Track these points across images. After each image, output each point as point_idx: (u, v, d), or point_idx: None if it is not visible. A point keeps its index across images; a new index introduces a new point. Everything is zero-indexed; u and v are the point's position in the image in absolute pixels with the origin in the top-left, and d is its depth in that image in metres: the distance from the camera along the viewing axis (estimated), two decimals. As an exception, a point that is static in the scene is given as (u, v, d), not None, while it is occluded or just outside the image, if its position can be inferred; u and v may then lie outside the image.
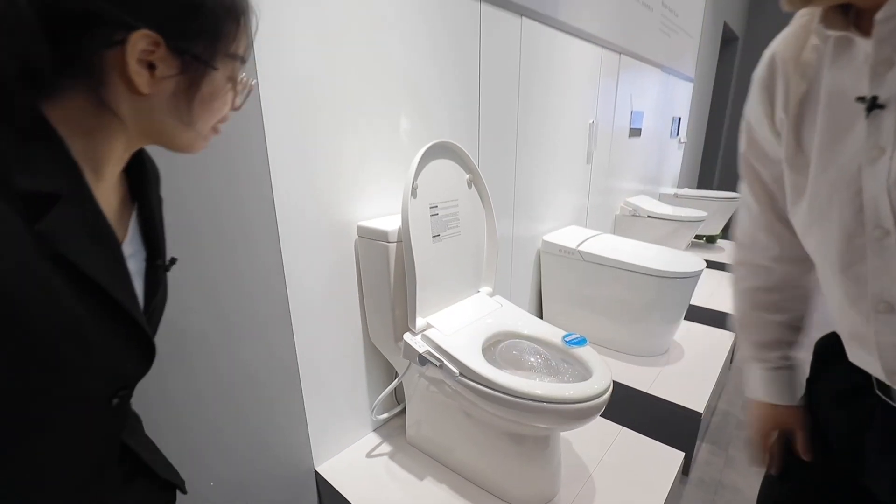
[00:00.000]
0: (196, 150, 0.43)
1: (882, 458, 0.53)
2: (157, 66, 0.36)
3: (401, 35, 1.15)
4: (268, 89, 0.90)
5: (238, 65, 0.42)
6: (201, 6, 0.37)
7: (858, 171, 0.44)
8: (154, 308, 0.46)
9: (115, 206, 0.42)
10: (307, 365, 1.11)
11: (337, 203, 1.10)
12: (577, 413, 0.94)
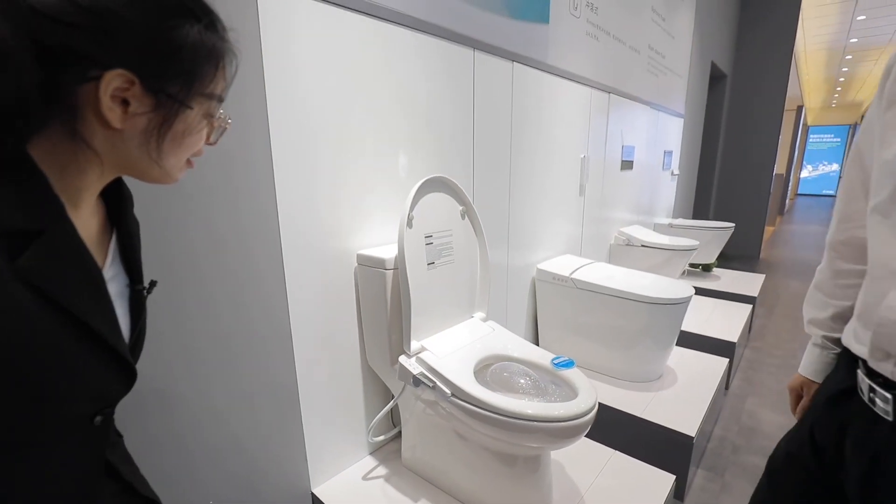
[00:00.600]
0: (170, 181, 0.46)
1: (853, 461, 0.58)
2: (130, 102, 0.38)
3: (401, 78, 1.26)
4: (277, 123, 1.00)
5: (215, 104, 0.45)
6: (180, 49, 0.39)
7: None
8: (141, 328, 0.49)
9: (95, 232, 0.44)
10: (306, 387, 1.16)
11: (338, 232, 1.18)
12: (563, 431, 0.98)
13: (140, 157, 0.41)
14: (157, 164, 0.42)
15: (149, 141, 0.40)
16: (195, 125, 0.43)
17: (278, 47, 0.98)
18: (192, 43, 0.39)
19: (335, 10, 1.07)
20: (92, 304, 0.39)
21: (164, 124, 0.40)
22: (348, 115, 1.15)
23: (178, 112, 0.41)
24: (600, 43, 2.25)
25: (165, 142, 0.41)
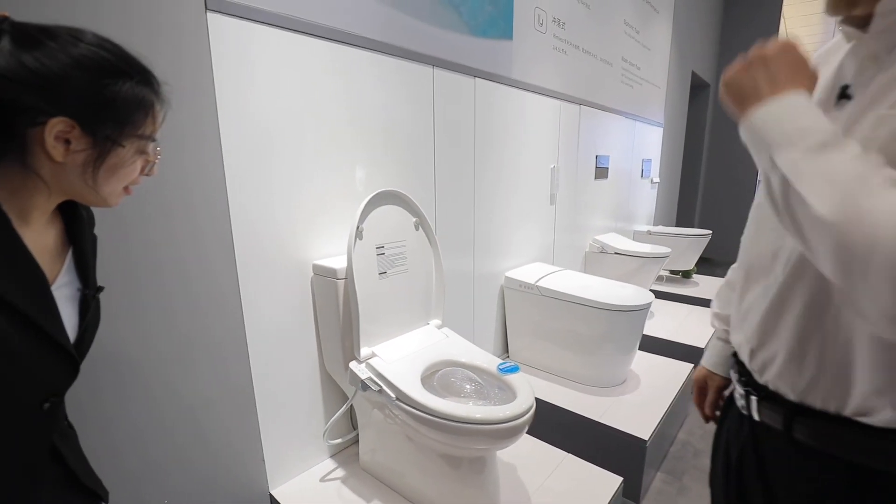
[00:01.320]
0: (108, 205, 0.54)
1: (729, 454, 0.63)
2: (71, 142, 0.47)
3: (358, 96, 1.33)
4: (230, 143, 1.06)
5: (147, 143, 0.54)
6: (113, 101, 0.48)
7: None
8: (87, 326, 0.56)
9: (51, 244, 0.53)
10: (263, 391, 1.21)
11: (295, 244, 1.23)
12: (498, 432, 1.03)
13: (80, 184, 0.50)
14: (94, 190, 0.51)
15: (86, 172, 0.49)
16: (127, 160, 0.52)
17: (231, 72, 1.04)
18: (124, 96, 0.49)
19: (291, 34, 1.14)
20: (33, 300, 0.47)
21: (99, 159, 0.49)
22: (304, 132, 1.21)
23: (111, 150, 0.50)
24: (568, 56, 2.32)
25: (100, 173, 0.50)
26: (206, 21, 0.99)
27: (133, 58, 0.51)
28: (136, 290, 0.95)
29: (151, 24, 0.91)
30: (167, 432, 1.04)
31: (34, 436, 0.51)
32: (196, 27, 0.98)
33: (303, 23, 1.16)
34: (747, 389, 0.59)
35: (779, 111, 0.43)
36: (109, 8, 0.86)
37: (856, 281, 0.36)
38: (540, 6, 2.04)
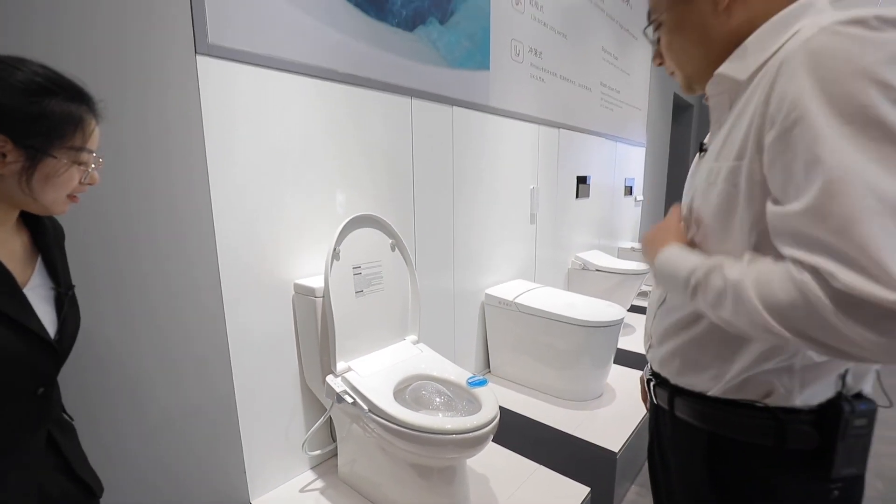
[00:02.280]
0: (55, 212, 0.62)
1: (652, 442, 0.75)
2: (6, 155, 0.54)
3: (338, 126, 1.42)
4: (215, 164, 1.15)
5: (83, 154, 0.60)
6: (41, 116, 0.54)
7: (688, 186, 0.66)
8: (65, 321, 0.64)
9: (19, 251, 0.62)
10: (245, 403, 1.28)
11: (276, 263, 1.32)
12: (463, 442, 1.10)
13: (19, 194, 0.57)
14: (33, 198, 0.58)
15: (21, 181, 0.56)
16: (60, 169, 0.58)
17: (218, 108, 1.14)
18: (52, 111, 0.56)
19: (274, 73, 1.24)
20: (7, 298, 0.55)
21: (30, 169, 0.56)
22: (286, 160, 1.30)
23: (41, 160, 0.56)
24: (546, 83, 2.44)
25: (34, 182, 0.56)
26: (196, 63, 1.10)
27: (63, 78, 0.58)
28: (124, 304, 1.02)
29: (145, 67, 1.01)
30: (151, 441, 1.10)
31: (32, 419, 0.60)
32: (186, 69, 1.08)
33: (286, 62, 1.27)
34: (650, 377, 0.71)
35: (662, 259, 0.58)
36: (105, 52, 0.95)
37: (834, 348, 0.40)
38: (516, 38, 2.16)
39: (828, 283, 0.39)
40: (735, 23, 0.54)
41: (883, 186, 0.37)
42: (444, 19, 1.78)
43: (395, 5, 1.58)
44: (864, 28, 0.40)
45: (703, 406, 0.61)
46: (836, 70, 0.40)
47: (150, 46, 1.02)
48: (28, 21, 0.86)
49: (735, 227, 0.51)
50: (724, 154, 0.53)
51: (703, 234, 0.57)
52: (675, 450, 0.67)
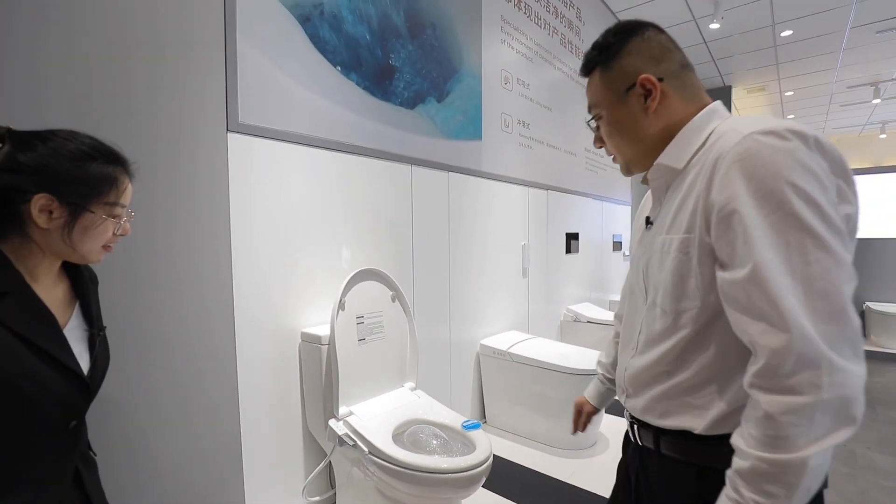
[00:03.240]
0: (91, 261, 0.70)
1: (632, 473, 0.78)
2: (53, 211, 0.62)
3: (345, 189, 1.60)
4: (237, 225, 1.30)
5: (116, 208, 0.68)
6: (83, 178, 0.64)
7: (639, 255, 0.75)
8: (97, 360, 0.72)
9: (60, 297, 0.70)
10: (250, 448, 1.34)
11: (286, 314, 1.44)
12: (458, 481, 1.17)
13: (62, 245, 0.65)
14: (72, 249, 0.66)
15: (63, 234, 0.64)
16: (97, 222, 0.67)
17: (243, 177, 1.31)
18: (91, 173, 0.65)
19: (292, 146, 1.43)
20: (48, 335, 0.63)
21: (72, 222, 0.65)
22: (300, 221, 1.46)
23: (81, 214, 0.65)
24: (534, 150, 2.68)
25: (74, 234, 0.65)
26: (227, 139, 1.28)
27: (104, 145, 0.68)
28: (143, 349, 1.13)
29: (181, 142, 1.20)
30: (160, 482, 1.17)
31: (62, 451, 0.67)
32: (217, 144, 1.27)
33: (302, 136, 1.47)
34: (631, 421, 0.77)
35: None
36: (147, 129, 1.14)
37: None
38: (506, 112, 2.43)
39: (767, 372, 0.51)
40: (661, 123, 0.68)
41: (794, 263, 0.51)
42: (441, 98, 2.03)
43: (398, 88, 1.82)
44: (777, 138, 0.52)
45: (691, 443, 0.64)
46: (760, 172, 0.52)
47: (188, 123, 1.21)
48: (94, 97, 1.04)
49: (690, 287, 0.62)
50: (674, 228, 0.64)
51: (662, 295, 0.66)
52: (664, 487, 0.70)
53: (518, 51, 2.54)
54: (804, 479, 0.49)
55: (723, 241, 0.56)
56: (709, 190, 0.58)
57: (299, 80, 1.46)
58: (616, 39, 0.71)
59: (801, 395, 0.48)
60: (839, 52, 4.33)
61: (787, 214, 0.51)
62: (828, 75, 4.94)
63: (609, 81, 0.70)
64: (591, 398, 1.00)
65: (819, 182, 0.52)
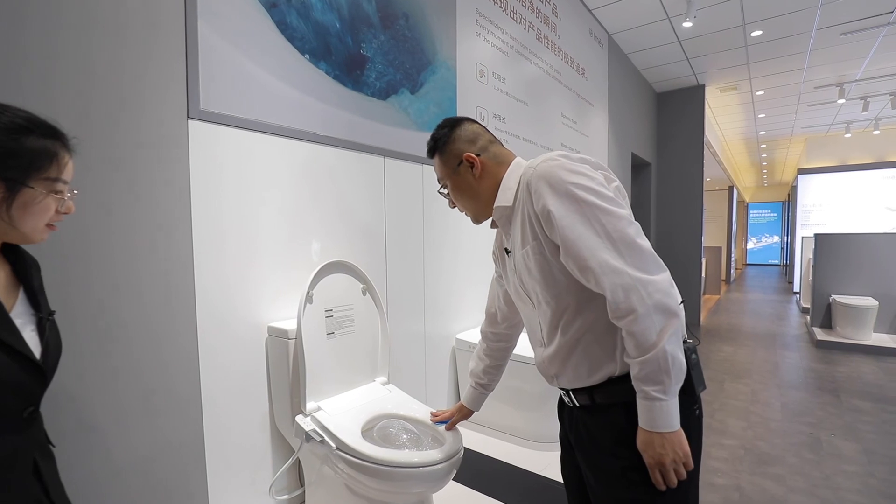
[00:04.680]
0: (34, 240, 0.67)
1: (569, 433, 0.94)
2: None
3: (316, 180, 1.57)
4: (199, 215, 1.25)
5: (58, 184, 0.66)
6: (19, 151, 0.62)
7: (512, 276, 0.94)
8: (48, 344, 0.70)
9: (3, 282, 0.68)
10: (214, 445, 1.30)
11: (252, 307, 1.40)
12: (428, 474, 1.15)
13: (1, 223, 0.63)
14: (13, 227, 0.64)
15: (1, 210, 0.62)
16: (38, 199, 0.65)
17: (206, 166, 1.27)
18: (29, 146, 0.63)
19: (259, 135, 1.39)
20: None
21: (10, 199, 0.62)
22: (268, 212, 1.42)
23: (20, 190, 0.63)
24: (510, 144, 2.68)
25: (13, 211, 0.63)
26: (187, 127, 1.23)
27: (38, 118, 0.65)
28: (102, 340, 1.08)
29: (141, 128, 1.14)
30: (120, 477, 1.12)
31: (21, 440, 0.65)
32: (177, 131, 1.22)
33: (270, 125, 1.42)
34: (566, 391, 0.91)
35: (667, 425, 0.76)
36: (103, 112, 1.08)
37: None
38: (481, 105, 2.41)
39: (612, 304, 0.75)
40: (487, 183, 0.94)
41: (595, 229, 0.76)
42: (415, 90, 2.00)
43: (370, 78, 1.79)
44: (552, 160, 0.81)
45: (615, 386, 0.82)
46: (551, 180, 0.78)
47: (148, 109, 1.16)
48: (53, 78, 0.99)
49: (555, 275, 0.83)
50: (524, 241, 0.86)
51: (541, 292, 0.86)
52: (600, 430, 0.84)
53: (493, 44, 2.53)
54: (671, 360, 0.72)
55: (553, 235, 0.79)
56: (532, 205, 0.82)
57: (266, 68, 1.42)
58: (443, 133, 0.97)
59: (636, 311, 0.72)
60: (806, 53, 4.46)
61: (577, 201, 0.77)
62: (796, 75, 5.08)
63: (445, 162, 0.97)
64: (468, 403, 1.22)
65: (585, 176, 0.78)
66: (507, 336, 1.17)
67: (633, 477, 0.79)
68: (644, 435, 0.76)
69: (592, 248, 0.75)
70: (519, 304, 0.98)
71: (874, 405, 2.99)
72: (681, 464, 0.75)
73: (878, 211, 7.54)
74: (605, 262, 0.74)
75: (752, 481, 2.06)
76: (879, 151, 7.70)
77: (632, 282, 0.72)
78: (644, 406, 0.75)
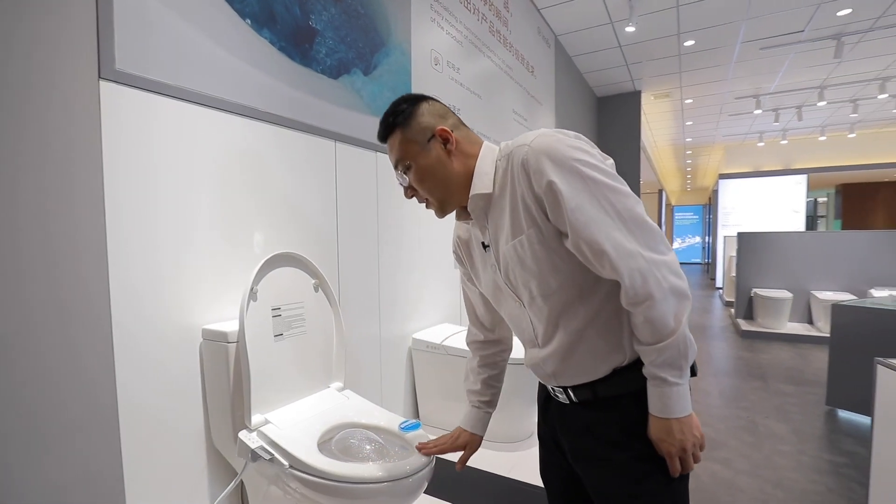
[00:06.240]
0: None
1: (555, 428, 0.87)
2: None
3: (259, 163, 1.38)
4: (114, 199, 1.04)
5: None
6: None
7: (492, 274, 0.84)
8: None
9: None
10: (135, 476, 1.08)
11: (183, 308, 1.19)
12: (397, 489, 1.02)
13: None
14: None
15: None
16: None
17: (122, 138, 1.05)
18: None
19: (192, 106, 1.19)
20: None
21: None
22: (199, 198, 1.22)
23: None
24: (465, 137, 2.60)
25: None
26: (99, 88, 1.02)
27: None
28: (-19, 363, 0.85)
29: (37, 87, 0.92)
30: (4, 534, 0.88)
31: None
32: (85, 94, 1.00)
33: (204, 96, 1.22)
34: (562, 388, 0.82)
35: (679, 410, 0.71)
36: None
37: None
38: (436, 94, 2.30)
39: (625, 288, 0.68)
40: (460, 162, 0.82)
41: (605, 209, 0.69)
42: (368, 71, 1.86)
43: (320, 54, 1.62)
44: (550, 136, 0.72)
45: (623, 375, 0.76)
46: (556, 156, 0.70)
47: (46, 65, 0.93)
48: None
49: (557, 263, 0.74)
50: (517, 231, 0.76)
51: (537, 285, 0.77)
52: (605, 423, 0.77)
53: (448, 33, 2.44)
54: (688, 343, 0.68)
55: (559, 218, 0.70)
56: (531, 185, 0.72)
57: (199, 27, 1.22)
58: (407, 105, 0.84)
59: (654, 296, 0.66)
60: (730, 65, 4.81)
61: (583, 178, 0.69)
62: (720, 86, 5.48)
63: (410, 137, 0.82)
64: (471, 427, 1.03)
65: (586, 152, 0.71)
66: (501, 340, 1.04)
67: (645, 467, 0.74)
68: (660, 423, 0.71)
69: (607, 231, 0.68)
70: (500, 303, 0.88)
71: (796, 388, 3.24)
72: (699, 446, 0.71)
73: (785, 213, 8.37)
74: (620, 245, 0.67)
75: (703, 466, 2.12)
76: (787, 159, 8.56)
77: (647, 265, 0.67)
78: (659, 393, 0.70)
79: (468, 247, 0.93)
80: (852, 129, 7.36)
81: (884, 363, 1.46)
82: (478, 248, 0.88)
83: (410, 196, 0.89)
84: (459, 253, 0.96)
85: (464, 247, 0.94)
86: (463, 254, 0.95)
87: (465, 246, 0.94)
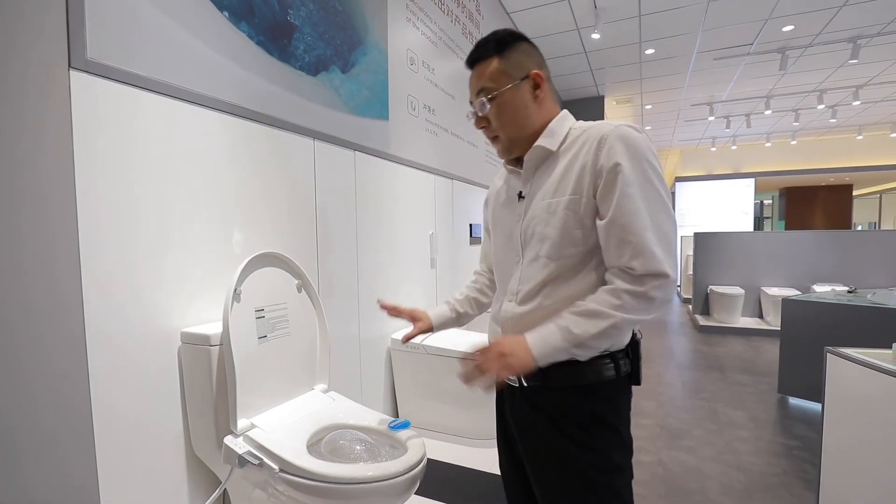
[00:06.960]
0: None
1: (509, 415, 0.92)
2: None
3: (238, 160, 1.33)
4: (86, 196, 0.98)
5: None
6: None
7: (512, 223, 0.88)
8: None
9: None
10: (112, 491, 1.02)
11: (160, 311, 1.13)
12: (390, 488, 1.02)
13: None
14: None
15: None
16: None
17: (96, 132, 0.99)
18: None
19: (169, 101, 1.14)
20: None
21: None
22: (176, 196, 1.17)
23: None
24: (439, 138, 2.61)
25: None
26: (69, 79, 0.96)
27: None
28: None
29: (13, 78, 0.86)
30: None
31: None
32: (54, 84, 0.94)
33: (181, 90, 1.18)
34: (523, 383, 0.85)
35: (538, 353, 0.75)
36: (-53, 57, 0.79)
37: None
38: (412, 94, 2.31)
39: (630, 275, 0.74)
40: (541, 113, 0.84)
41: (652, 214, 0.75)
42: (346, 69, 1.84)
43: (298, 49, 1.59)
44: (636, 131, 0.77)
45: (571, 367, 0.79)
46: (633, 148, 0.75)
47: (15, 50, 0.87)
48: None
49: (576, 237, 0.79)
50: (559, 192, 0.80)
51: (549, 247, 0.81)
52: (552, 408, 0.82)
53: (423, 33, 2.45)
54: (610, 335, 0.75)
55: (606, 196, 0.75)
56: (597, 158, 0.76)
57: (174, 18, 1.17)
58: (510, 39, 0.84)
59: (651, 295, 0.73)
60: (687, 73, 5.06)
61: (646, 181, 0.75)
62: (677, 93, 5.76)
63: (507, 68, 0.83)
64: (434, 318, 1.12)
65: (658, 163, 0.77)
66: None
67: (588, 458, 0.79)
68: (514, 336, 0.77)
69: (642, 231, 0.73)
70: (500, 254, 0.92)
71: (751, 378, 3.45)
72: (502, 368, 0.75)
73: (735, 214, 8.89)
74: (648, 248, 0.73)
75: (670, 455, 2.22)
76: (737, 164, 9.09)
77: (664, 273, 0.74)
78: (549, 331, 0.76)
79: (497, 194, 0.96)
80: (794, 137, 7.90)
81: (834, 352, 1.58)
82: (508, 197, 0.91)
83: (481, 127, 0.88)
84: (493, 199, 0.99)
85: (497, 195, 0.97)
86: (494, 201, 0.98)
87: (494, 194, 0.98)
